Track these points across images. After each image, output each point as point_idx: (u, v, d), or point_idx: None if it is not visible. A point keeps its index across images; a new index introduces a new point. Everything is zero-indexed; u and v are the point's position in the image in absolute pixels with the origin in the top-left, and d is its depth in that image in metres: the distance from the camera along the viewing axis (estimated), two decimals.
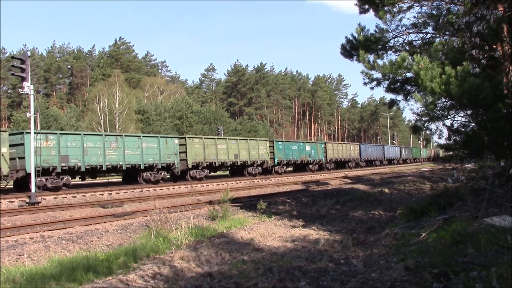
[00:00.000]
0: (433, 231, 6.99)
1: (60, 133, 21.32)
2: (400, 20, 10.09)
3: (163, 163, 25.29)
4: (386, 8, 9.59)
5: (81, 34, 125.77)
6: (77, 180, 29.34)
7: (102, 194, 19.04)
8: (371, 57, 9.78)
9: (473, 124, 8.82)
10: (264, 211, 13.04)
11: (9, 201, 16.19)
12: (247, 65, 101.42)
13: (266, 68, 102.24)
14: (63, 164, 20.40)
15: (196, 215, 12.59)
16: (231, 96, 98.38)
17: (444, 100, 8.44)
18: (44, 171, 18.87)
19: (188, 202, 16.05)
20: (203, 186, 23.89)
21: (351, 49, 10.24)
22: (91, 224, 11.39)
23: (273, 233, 9.89)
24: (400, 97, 10.77)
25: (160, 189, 21.47)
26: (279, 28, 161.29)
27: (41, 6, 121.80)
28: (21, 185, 20.16)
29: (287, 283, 5.27)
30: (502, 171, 8.97)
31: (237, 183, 25.85)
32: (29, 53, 70.70)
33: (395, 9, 9.84)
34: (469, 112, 8.71)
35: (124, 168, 23.32)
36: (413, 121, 10.66)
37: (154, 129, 53.04)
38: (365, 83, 10.29)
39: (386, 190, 19.34)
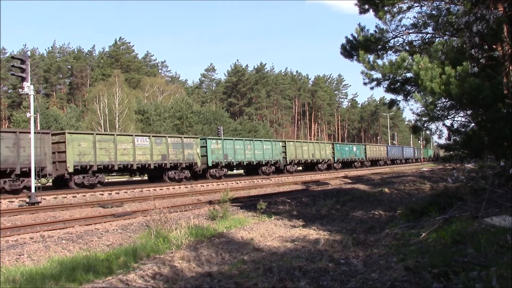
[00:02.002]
0: (433, 231, 6.99)
1: (224, 139, 30.13)
2: (400, 20, 10.08)
3: (273, 160, 34.45)
4: (386, 8, 9.58)
5: (81, 34, 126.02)
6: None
7: (102, 194, 19.05)
8: (371, 57, 9.77)
9: (473, 124, 8.79)
10: (264, 211, 13.02)
11: (9, 201, 16.19)
12: (247, 65, 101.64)
13: (266, 68, 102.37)
14: (225, 160, 29.41)
15: (196, 215, 12.57)
16: (231, 96, 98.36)
17: (444, 100, 8.42)
18: (214, 165, 28.42)
19: (188, 202, 16.05)
20: (203, 186, 23.92)
21: (351, 49, 10.24)
22: (91, 224, 11.38)
23: (273, 233, 9.88)
24: (400, 97, 10.76)
25: (160, 189, 21.48)
26: (279, 28, 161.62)
27: (41, 6, 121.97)
28: (197, 176, 27.93)
29: (287, 283, 5.27)
30: (502, 171, 8.97)
31: (237, 183, 25.88)
32: (29, 53, 70.79)
33: (395, 9, 9.83)
34: (469, 112, 8.68)
35: (254, 163, 32.39)
36: (413, 121, 10.64)
37: (154, 129, 53.02)
38: (365, 83, 10.29)
39: (386, 190, 19.32)
